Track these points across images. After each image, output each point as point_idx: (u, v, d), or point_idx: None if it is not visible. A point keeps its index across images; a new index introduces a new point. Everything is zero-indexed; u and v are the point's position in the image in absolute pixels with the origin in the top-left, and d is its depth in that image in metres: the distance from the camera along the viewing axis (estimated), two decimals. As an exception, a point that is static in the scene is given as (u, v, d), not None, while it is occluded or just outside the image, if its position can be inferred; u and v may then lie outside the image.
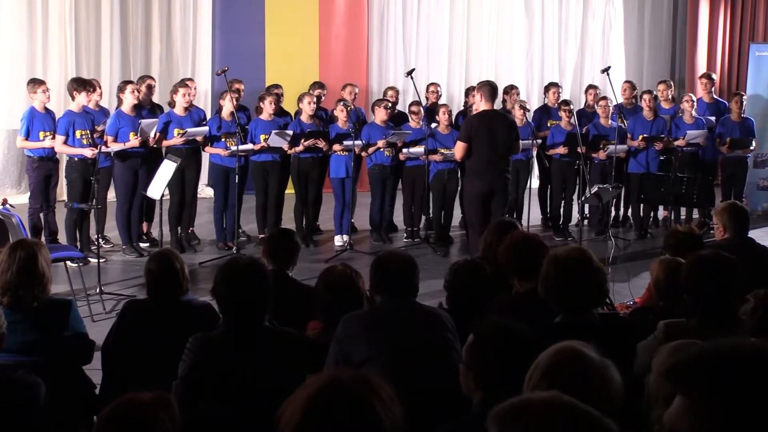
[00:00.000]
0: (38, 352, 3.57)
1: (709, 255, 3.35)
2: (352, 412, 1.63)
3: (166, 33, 11.94)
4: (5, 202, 6.61)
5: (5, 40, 10.84)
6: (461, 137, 7.40)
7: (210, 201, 8.99)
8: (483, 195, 7.24)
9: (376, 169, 8.94)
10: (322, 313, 3.79)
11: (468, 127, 7.37)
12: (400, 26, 13.26)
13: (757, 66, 11.55)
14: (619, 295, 6.19)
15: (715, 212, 5.33)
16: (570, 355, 2.12)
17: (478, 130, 7.22)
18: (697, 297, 3.21)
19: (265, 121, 8.62)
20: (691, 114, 9.60)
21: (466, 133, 7.33)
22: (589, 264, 3.22)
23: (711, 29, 14.21)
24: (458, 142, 7.44)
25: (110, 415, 2.21)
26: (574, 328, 2.92)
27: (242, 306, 3.21)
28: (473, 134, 7.23)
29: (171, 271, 3.79)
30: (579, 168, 9.15)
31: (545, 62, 14.05)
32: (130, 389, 2.33)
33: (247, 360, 3.13)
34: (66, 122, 7.69)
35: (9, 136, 10.44)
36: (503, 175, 7.31)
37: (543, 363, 2.12)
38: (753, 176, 10.78)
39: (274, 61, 12.22)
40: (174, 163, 7.19)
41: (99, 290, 6.66)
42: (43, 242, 5.18)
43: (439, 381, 3.20)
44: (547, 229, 9.72)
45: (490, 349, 2.54)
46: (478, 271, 3.84)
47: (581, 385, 2.02)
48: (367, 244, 8.96)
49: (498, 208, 7.21)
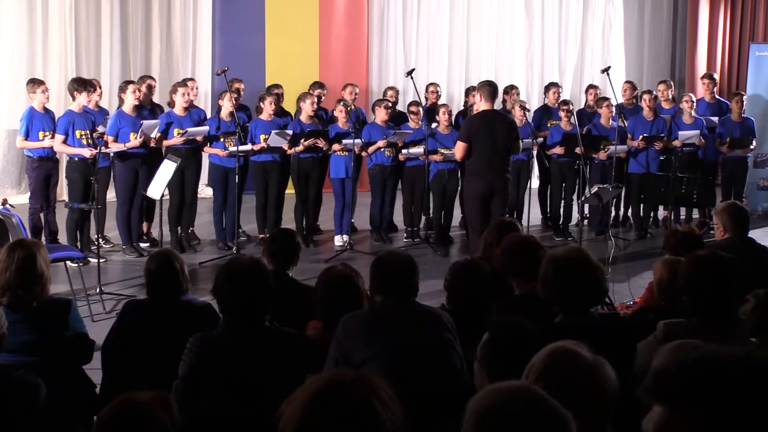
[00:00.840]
0: (38, 352, 3.57)
1: (707, 255, 3.34)
2: (352, 412, 1.63)
3: (166, 33, 11.94)
4: (5, 202, 6.61)
5: (5, 40, 10.84)
6: (461, 137, 7.40)
7: (210, 201, 8.98)
8: (483, 195, 7.24)
9: (377, 169, 8.94)
10: (322, 313, 3.78)
11: (468, 128, 7.37)
12: (400, 26, 13.27)
13: (757, 66, 11.55)
14: (619, 295, 6.19)
15: (715, 212, 5.33)
16: (564, 356, 2.12)
17: (478, 130, 7.22)
18: (695, 297, 3.21)
19: (265, 121, 8.62)
20: (690, 114, 9.60)
21: (466, 133, 7.33)
22: (587, 263, 3.22)
23: (711, 29, 14.21)
24: (458, 142, 7.43)
25: (110, 415, 2.21)
26: (573, 328, 2.92)
27: (243, 306, 3.21)
28: (473, 134, 7.24)
29: (171, 271, 3.79)
30: (579, 168, 9.15)
31: (545, 62, 14.05)
32: (130, 389, 2.33)
33: (247, 360, 3.13)
34: (66, 122, 7.70)
35: (9, 136, 10.44)
36: (503, 175, 7.31)
37: (538, 364, 2.13)
38: (753, 176, 10.78)
39: (274, 61, 12.23)
40: (174, 163, 7.19)
41: (99, 290, 6.66)
42: (42, 242, 5.18)
43: (439, 381, 3.20)
44: (547, 229, 9.72)
45: (505, 347, 2.56)
46: (478, 271, 3.84)
47: (576, 384, 2.03)
48: (367, 244, 8.96)
49: (498, 208, 7.21)
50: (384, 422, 1.64)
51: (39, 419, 2.54)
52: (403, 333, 3.33)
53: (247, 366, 3.12)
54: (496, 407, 1.61)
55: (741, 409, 1.35)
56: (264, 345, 3.20)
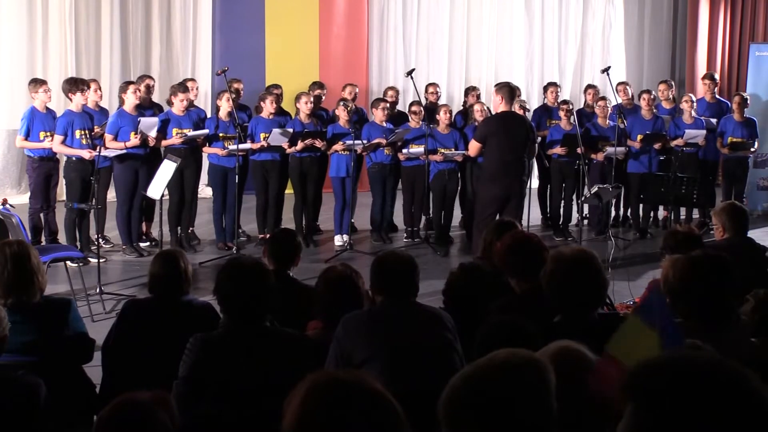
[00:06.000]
0: (38, 352, 3.57)
1: (700, 255, 3.34)
2: (349, 411, 1.63)
3: (166, 33, 11.94)
4: (5, 202, 6.61)
5: (5, 40, 10.84)
6: (477, 137, 7.36)
7: (210, 201, 8.98)
8: (499, 199, 7.16)
9: (376, 168, 8.94)
10: (322, 313, 3.79)
11: (486, 128, 7.33)
12: (400, 26, 13.27)
13: (757, 66, 11.55)
14: (619, 295, 6.18)
15: (714, 212, 5.33)
16: (567, 355, 2.13)
17: (497, 132, 7.16)
18: (689, 298, 3.21)
19: (265, 119, 8.62)
20: (690, 114, 9.60)
21: (483, 133, 7.29)
22: (594, 265, 3.24)
23: (711, 29, 14.21)
24: (473, 141, 7.41)
25: (110, 414, 2.21)
26: (573, 328, 2.92)
27: (244, 306, 3.21)
28: (490, 135, 7.18)
29: (176, 271, 3.80)
30: (579, 168, 9.15)
31: (545, 62, 14.06)
32: (130, 389, 2.33)
33: (247, 360, 3.13)
34: (65, 122, 7.69)
35: (9, 136, 10.44)
36: (520, 179, 7.26)
37: None
38: (753, 176, 10.78)
39: (274, 61, 12.23)
40: (174, 164, 7.19)
41: (99, 290, 6.65)
42: (27, 242, 5.16)
43: (439, 381, 3.20)
44: (547, 229, 9.72)
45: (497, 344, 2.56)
46: (478, 272, 3.84)
47: (580, 383, 2.03)
48: (367, 244, 8.96)
49: (512, 211, 7.04)
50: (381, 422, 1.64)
51: (39, 419, 2.54)
52: (403, 333, 3.34)
53: (248, 366, 3.12)
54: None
55: (699, 416, 1.34)
56: (264, 345, 3.20)
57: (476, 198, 7.73)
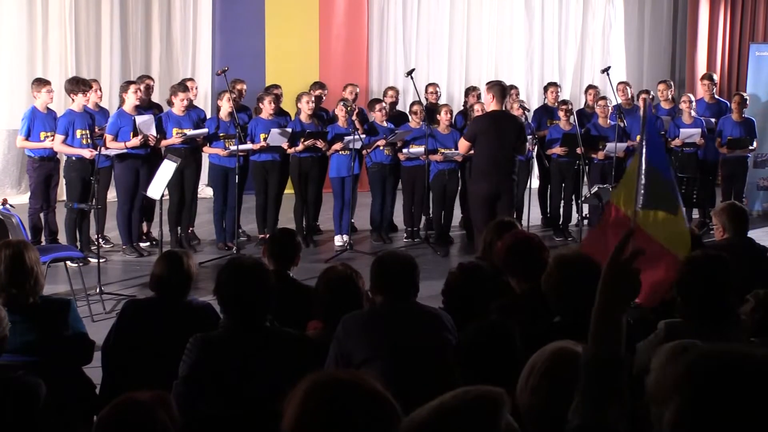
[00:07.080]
0: (38, 352, 3.57)
1: (699, 255, 3.34)
2: (349, 411, 1.63)
3: (166, 33, 11.94)
4: (5, 202, 6.61)
5: (5, 40, 10.83)
6: (467, 136, 7.38)
7: (210, 201, 8.98)
8: (488, 197, 7.17)
9: (375, 168, 8.95)
10: (322, 313, 3.79)
11: (476, 127, 7.34)
12: (400, 26, 13.26)
13: (757, 66, 11.54)
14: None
15: (714, 212, 5.34)
16: (566, 356, 2.12)
17: (486, 130, 7.17)
18: (689, 298, 3.21)
19: (265, 120, 8.62)
20: (689, 114, 9.60)
21: (472, 132, 7.30)
22: (594, 267, 3.23)
23: (711, 29, 14.20)
24: (462, 140, 7.42)
25: (110, 415, 2.21)
26: (573, 328, 2.92)
27: (244, 306, 3.22)
28: (480, 133, 7.19)
29: (180, 271, 3.80)
30: (579, 168, 9.15)
31: (545, 62, 14.05)
32: (130, 389, 2.33)
33: (247, 360, 3.14)
34: (66, 122, 7.70)
35: (9, 136, 10.43)
36: (510, 177, 7.26)
37: (540, 363, 2.13)
38: (753, 176, 10.77)
39: (274, 61, 12.22)
40: (174, 164, 7.19)
41: (99, 290, 6.65)
42: (28, 241, 5.17)
43: (439, 381, 3.20)
44: (547, 229, 9.72)
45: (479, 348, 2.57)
46: (478, 272, 3.84)
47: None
48: (367, 244, 8.96)
49: (504, 209, 7.08)
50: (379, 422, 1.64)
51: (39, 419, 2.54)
52: (403, 333, 3.34)
53: (248, 366, 3.12)
54: None
55: (753, 412, 1.33)
56: (265, 345, 3.20)
57: (463, 196, 7.74)
